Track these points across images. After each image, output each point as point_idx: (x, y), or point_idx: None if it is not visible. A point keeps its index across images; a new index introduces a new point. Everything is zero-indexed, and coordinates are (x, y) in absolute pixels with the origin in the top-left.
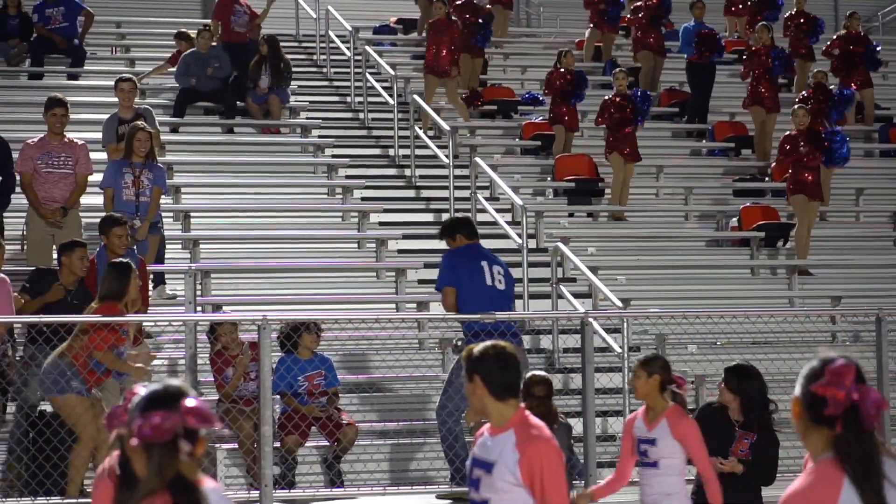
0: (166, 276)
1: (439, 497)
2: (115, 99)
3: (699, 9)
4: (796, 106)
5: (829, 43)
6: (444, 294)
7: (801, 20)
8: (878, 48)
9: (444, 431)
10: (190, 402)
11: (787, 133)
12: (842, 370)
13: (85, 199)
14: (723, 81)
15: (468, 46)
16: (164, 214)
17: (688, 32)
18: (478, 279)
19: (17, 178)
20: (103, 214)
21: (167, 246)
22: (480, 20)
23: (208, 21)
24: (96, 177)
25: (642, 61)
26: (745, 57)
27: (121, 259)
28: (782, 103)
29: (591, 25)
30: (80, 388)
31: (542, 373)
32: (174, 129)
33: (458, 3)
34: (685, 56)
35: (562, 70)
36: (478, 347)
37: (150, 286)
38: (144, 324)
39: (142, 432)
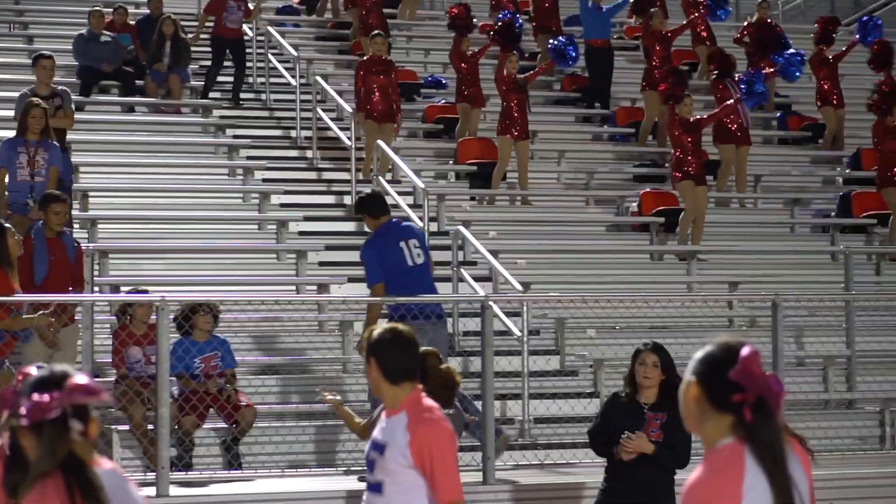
0: None
1: None
2: (11, 76)
3: None
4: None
5: (740, 31)
6: (374, 290)
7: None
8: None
9: None
10: (76, 380)
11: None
12: (754, 357)
13: None
14: (622, 67)
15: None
16: None
17: (587, 15)
18: (400, 263)
19: None
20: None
21: None
22: None
23: None
24: None
25: (541, 43)
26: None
27: None
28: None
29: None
30: None
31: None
32: (78, 108)
33: None
34: (584, 40)
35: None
36: (376, 330)
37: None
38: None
39: (30, 412)
